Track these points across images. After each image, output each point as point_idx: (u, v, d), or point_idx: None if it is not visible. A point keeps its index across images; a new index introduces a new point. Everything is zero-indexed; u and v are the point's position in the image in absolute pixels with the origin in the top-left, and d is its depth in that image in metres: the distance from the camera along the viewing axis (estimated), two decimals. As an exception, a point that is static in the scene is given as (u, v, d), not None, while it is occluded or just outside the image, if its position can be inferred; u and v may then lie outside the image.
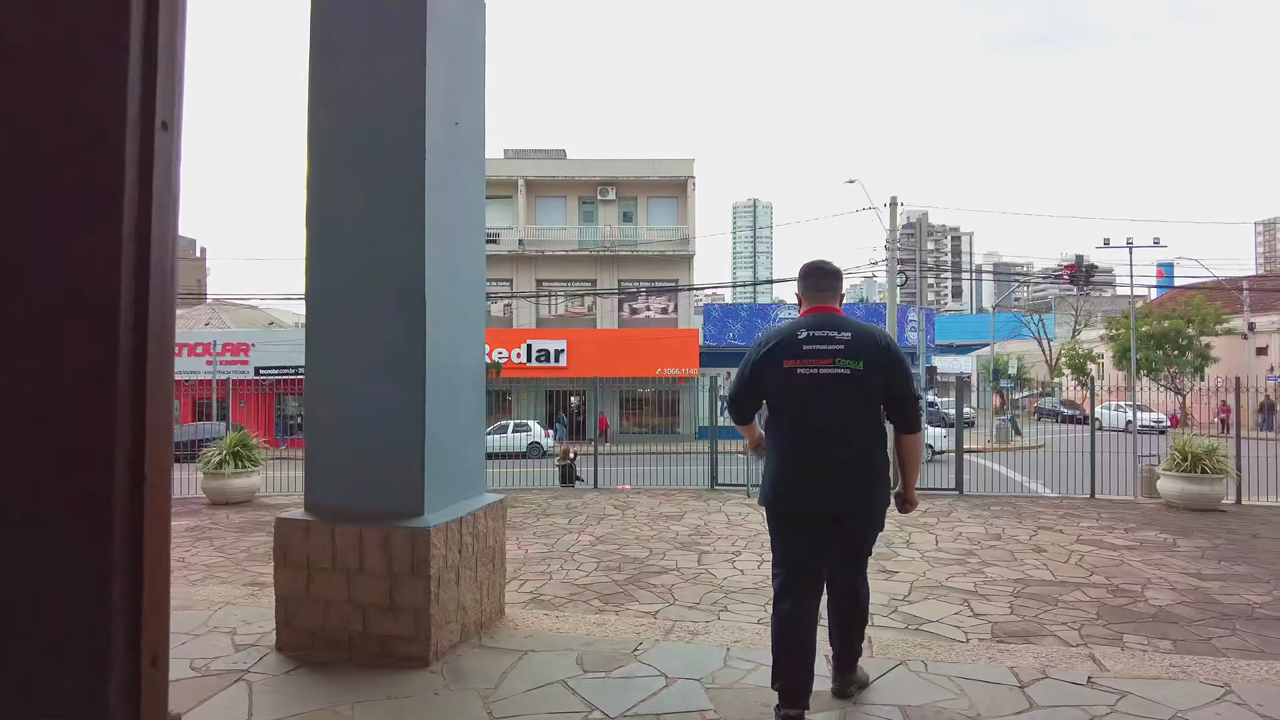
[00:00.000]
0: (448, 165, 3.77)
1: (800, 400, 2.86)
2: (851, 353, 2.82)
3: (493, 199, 32.13)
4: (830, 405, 2.83)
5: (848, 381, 2.81)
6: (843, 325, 2.89)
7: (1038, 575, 7.16)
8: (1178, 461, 10.86)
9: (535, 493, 12.69)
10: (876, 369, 2.84)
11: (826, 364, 2.81)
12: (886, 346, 2.90)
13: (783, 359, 2.83)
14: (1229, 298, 36.37)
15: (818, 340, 2.84)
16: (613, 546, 8.42)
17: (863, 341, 2.85)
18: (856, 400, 2.84)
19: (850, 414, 2.85)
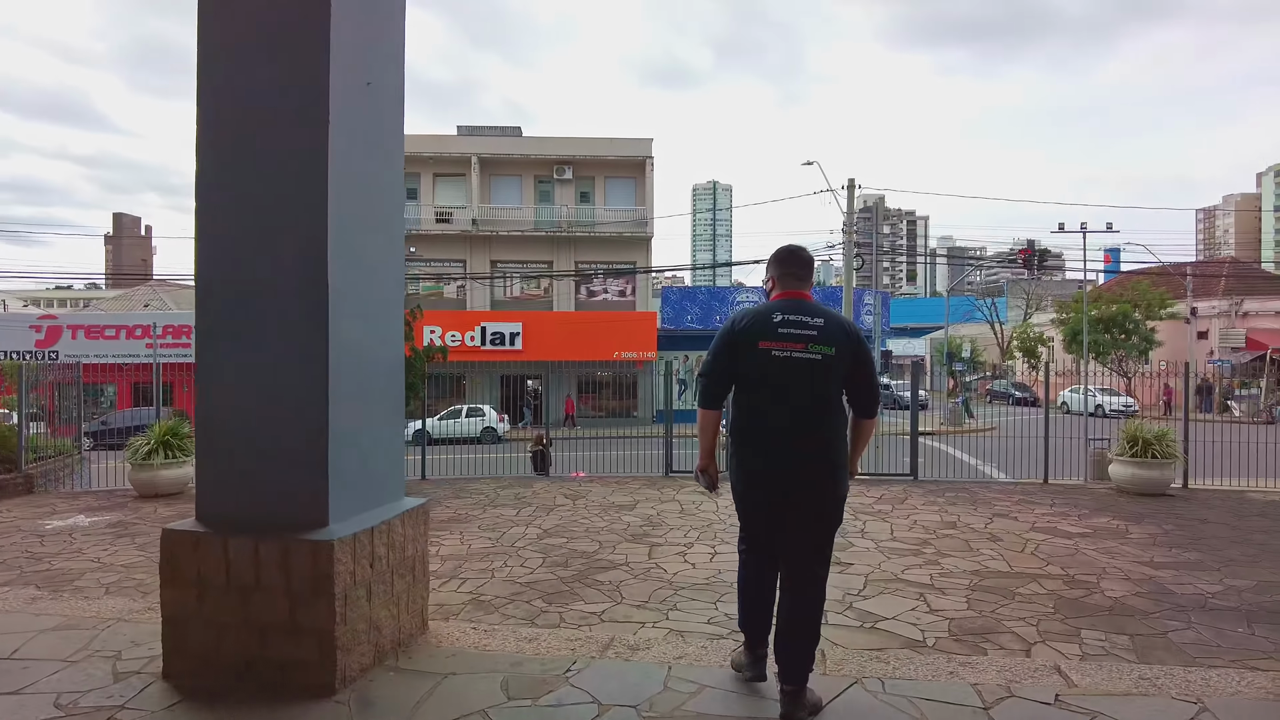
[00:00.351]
0: (357, 131, 3.36)
1: (773, 381, 2.92)
2: (824, 339, 2.91)
3: (445, 177, 31.32)
4: (801, 388, 2.91)
5: (819, 366, 2.89)
6: (816, 312, 2.98)
7: (994, 566, 7.02)
8: (1128, 447, 10.88)
9: (485, 482, 12.29)
10: (845, 356, 2.93)
11: (800, 348, 2.88)
12: (855, 335, 2.99)
13: (758, 340, 2.91)
14: (1173, 283, 37.20)
15: (792, 324, 2.91)
16: (561, 540, 8.08)
17: (834, 329, 2.94)
18: (825, 385, 2.93)
19: (819, 398, 2.94)
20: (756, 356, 2.92)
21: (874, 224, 37.76)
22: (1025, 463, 13.31)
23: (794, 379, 2.91)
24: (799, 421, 2.93)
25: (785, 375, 2.91)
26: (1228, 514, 9.46)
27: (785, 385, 2.91)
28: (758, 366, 2.94)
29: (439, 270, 30.24)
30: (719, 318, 30.73)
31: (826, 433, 2.96)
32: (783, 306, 2.99)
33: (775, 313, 2.96)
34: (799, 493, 2.96)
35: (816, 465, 2.95)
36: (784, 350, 2.89)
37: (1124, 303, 35.53)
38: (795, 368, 2.90)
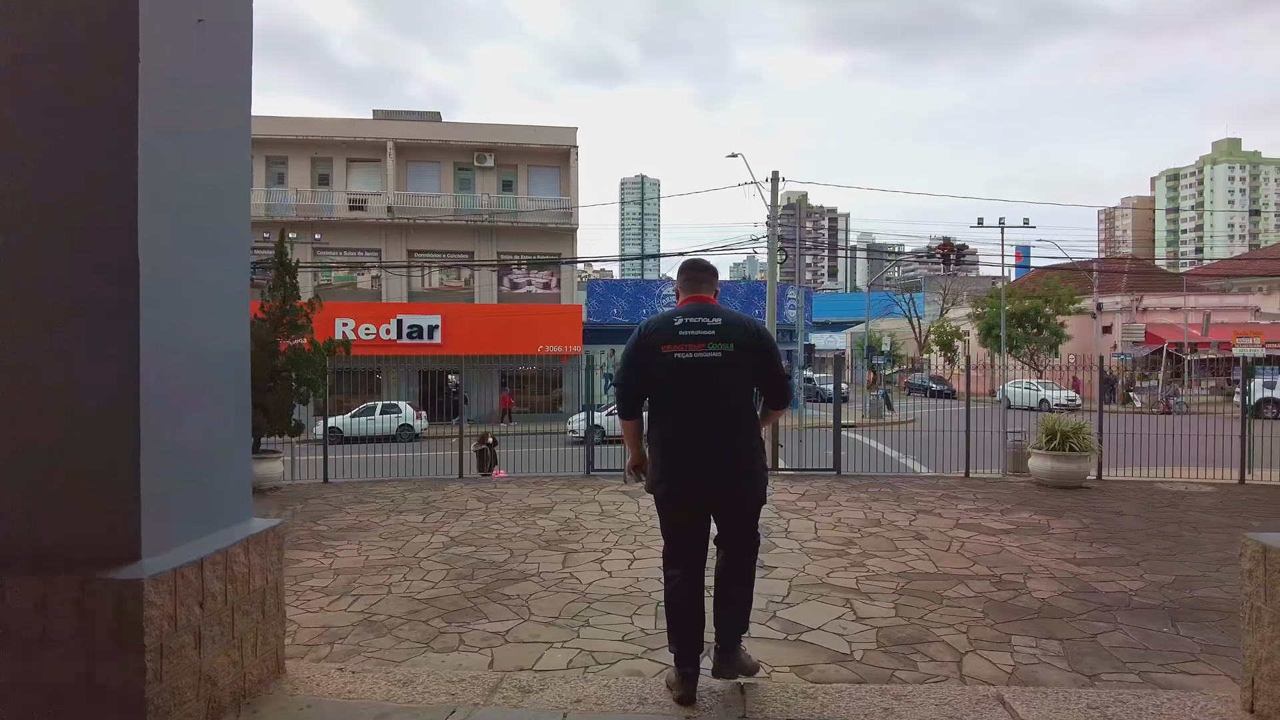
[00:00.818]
0: (184, 78, 2.75)
1: (679, 383, 3.00)
2: (722, 336, 2.99)
3: (359, 163, 30.01)
4: (706, 387, 2.99)
5: (720, 364, 2.98)
6: (715, 313, 3.07)
7: (920, 567, 6.79)
8: (1046, 440, 10.95)
9: (394, 485, 11.55)
10: (747, 350, 3.01)
11: (700, 348, 2.97)
12: (756, 331, 3.08)
13: (661, 345, 2.99)
14: (1081, 279, 38.74)
15: (692, 326, 3.01)
16: (469, 548, 7.50)
17: (733, 327, 3.02)
18: (729, 382, 3.01)
19: (724, 395, 3.01)
20: (661, 361, 3.01)
21: (797, 220, 38.02)
22: (945, 456, 13.35)
23: (699, 378, 2.98)
24: (709, 420, 3.01)
25: (690, 375, 2.98)
26: (1140, 505, 9.56)
27: (691, 385, 2.99)
28: (664, 370, 3.02)
29: (352, 260, 28.95)
30: (646, 311, 30.40)
31: (738, 429, 3.05)
32: (684, 310, 3.12)
33: (677, 316, 3.09)
34: (718, 492, 3.07)
35: (731, 463, 3.04)
36: (686, 352, 2.98)
37: (1036, 298, 36.77)
38: (698, 367, 2.98)
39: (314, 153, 29.27)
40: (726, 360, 3.00)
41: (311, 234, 28.46)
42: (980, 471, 12.42)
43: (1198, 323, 34.41)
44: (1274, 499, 10.05)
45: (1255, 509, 9.40)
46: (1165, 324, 36.51)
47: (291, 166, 29.08)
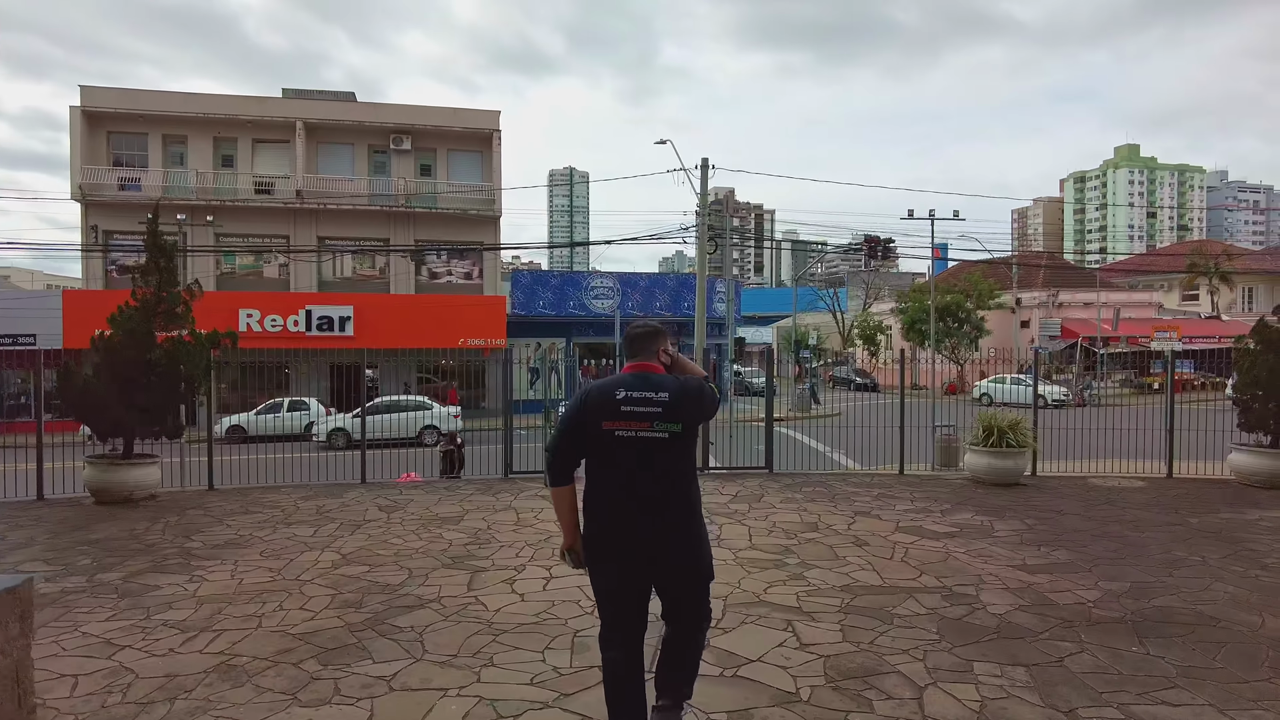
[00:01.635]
0: None
1: (620, 460, 2.80)
2: (670, 414, 2.79)
3: (266, 144, 28.19)
4: (649, 466, 2.80)
5: (666, 445, 2.78)
6: (661, 385, 2.84)
7: (865, 579, 6.21)
8: (983, 436, 10.62)
9: (288, 491, 10.44)
10: (693, 427, 2.85)
11: (645, 426, 2.77)
12: (698, 395, 2.88)
13: (601, 421, 2.78)
14: (999, 275, 39.66)
15: (636, 402, 2.79)
16: (361, 569, 6.58)
17: (681, 401, 2.81)
18: (674, 463, 2.83)
19: (668, 475, 2.82)
20: (602, 438, 2.82)
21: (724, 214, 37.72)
22: (875, 450, 12.99)
23: (641, 458, 2.80)
24: (651, 499, 2.83)
25: (632, 454, 2.80)
26: (1079, 504, 9.29)
27: (633, 464, 2.80)
28: (605, 446, 2.83)
29: (257, 246, 27.11)
30: (573, 304, 29.52)
31: (681, 507, 2.88)
32: (627, 382, 2.88)
33: (620, 388, 2.85)
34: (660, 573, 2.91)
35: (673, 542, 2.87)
36: (629, 430, 2.78)
37: (957, 293, 37.41)
38: (641, 445, 2.79)
39: (217, 132, 27.26)
40: (672, 441, 2.83)
41: (204, 217, 26.54)
42: (913, 467, 12.07)
43: (1108, 318, 35.58)
44: (1203, 493, 9.95)
45: (1187, 504, 9.24)
46: (1079, 319, 37.69)
47: (192, 146, 27.03)
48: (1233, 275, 41.17)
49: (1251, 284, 46.23)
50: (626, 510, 2.83)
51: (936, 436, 13.86)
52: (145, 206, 25.50)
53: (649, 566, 2.90)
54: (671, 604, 3.06)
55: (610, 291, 29.40)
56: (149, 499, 9.66)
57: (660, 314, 30.10)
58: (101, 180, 25.89)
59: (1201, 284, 41.53)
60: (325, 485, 10.86)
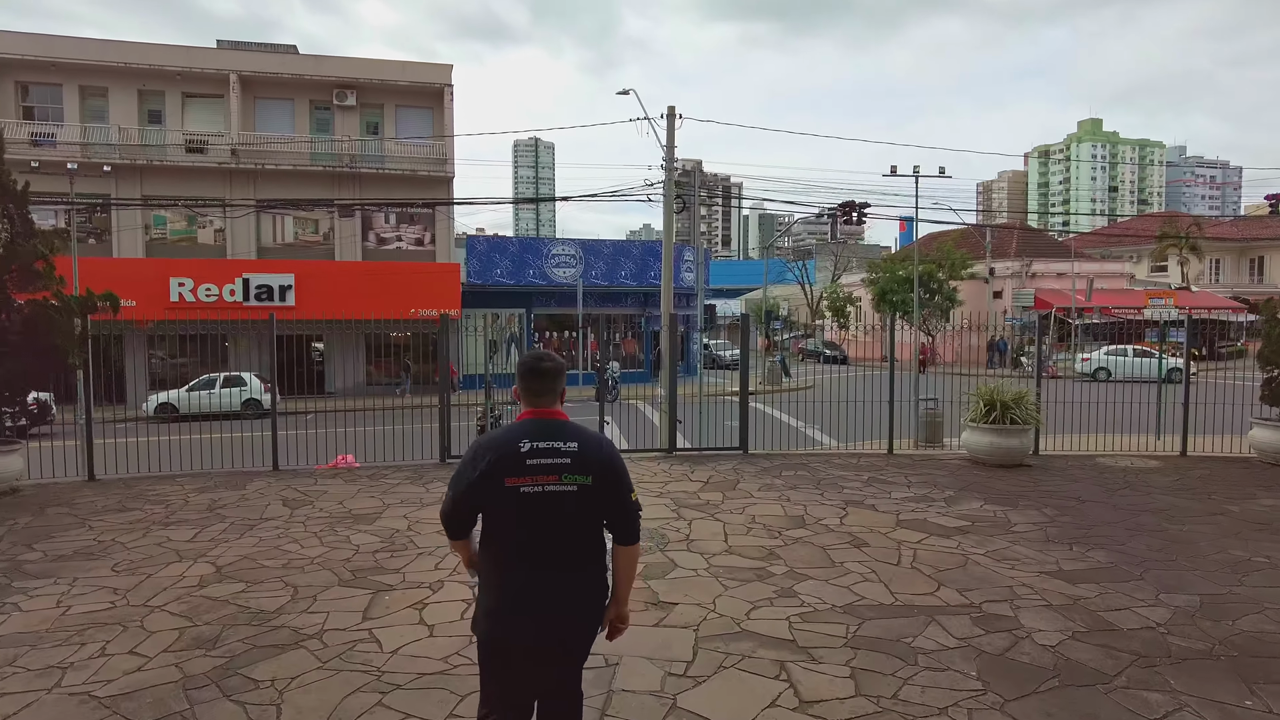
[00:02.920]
0: None
1: (522, 522, 2.46)
2: (579, 467, 2.47)
3: (198, 98, 26.01)
4: (555, 527, 2.49)
5: (574, 499, 2.47)
6: (568, 434, 2.53)
7: (871, 594, 4.95)
8: (984, 412, 9.45)
9: (186, 480, 8.93)
10: (603, 483, 2.51)
11: (553, 480, 2.45)
12: (610, 457, 2.55)
13: (504, 477, 2.43)
14: (972, 245, 38.76)
15: (542, 453, 2.46)
16: (234, 588, 5.16)
17: (588, 454, 2.50)
18: (582, 519, 2.52)
19: (576, 536, 2.53)
20: (503, 496, 2.44)
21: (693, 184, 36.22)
22: (852, 426, 11.80)
23: (546, 516, 2.46)
24: (552, 559, 2.49)
25: (536, 514, 2.44)
26: (1097, 488, 8.15)
27: (536, 525, 2.45)
28: (505, 504, 2.44)
29: (189, 210, 25.00)
30: (533, 272, 27.90)
31: (584, 568, 2.55)
32: (530, 431, 2.50)
33: (522, 440, 2.47)
34: (555, 639, 2.51)
35: (572, 609, 2.50)
36: (534, 485, 2.44)
37: (929, 263, 36.45)
38: (547, 503, 2.45)
39: (142, 84, 24.95)
40: (581, 494, 2.48)
41: (132, 177, 24.38)
42: (896, 444, 10.87)
43: (1082, 288, 34.90)
44: (1228, 474, 8.90)
45: (1218, 487, 8.16)
46: (1052, 289, 37.00)
47: (113, 100, 24.71)
48: (1201, 247, 40.79)
49: (1219, 255, 46.03)
50: (523, 566, 2.49)
51: (920, 411, 12.71)
52: (62, 165, 23.40)
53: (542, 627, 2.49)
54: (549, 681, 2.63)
55: (573, 259, 27.83)
56: (8, 493, 8.09)
57: (625, 283, 28.64)
58: (11, 135, 23.57)
59: (1172, 254, 41.16)
60: (229, 474, 9.34)
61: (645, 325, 29.47)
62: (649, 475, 8.88)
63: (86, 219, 25.15)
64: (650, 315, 28.48)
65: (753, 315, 48.03)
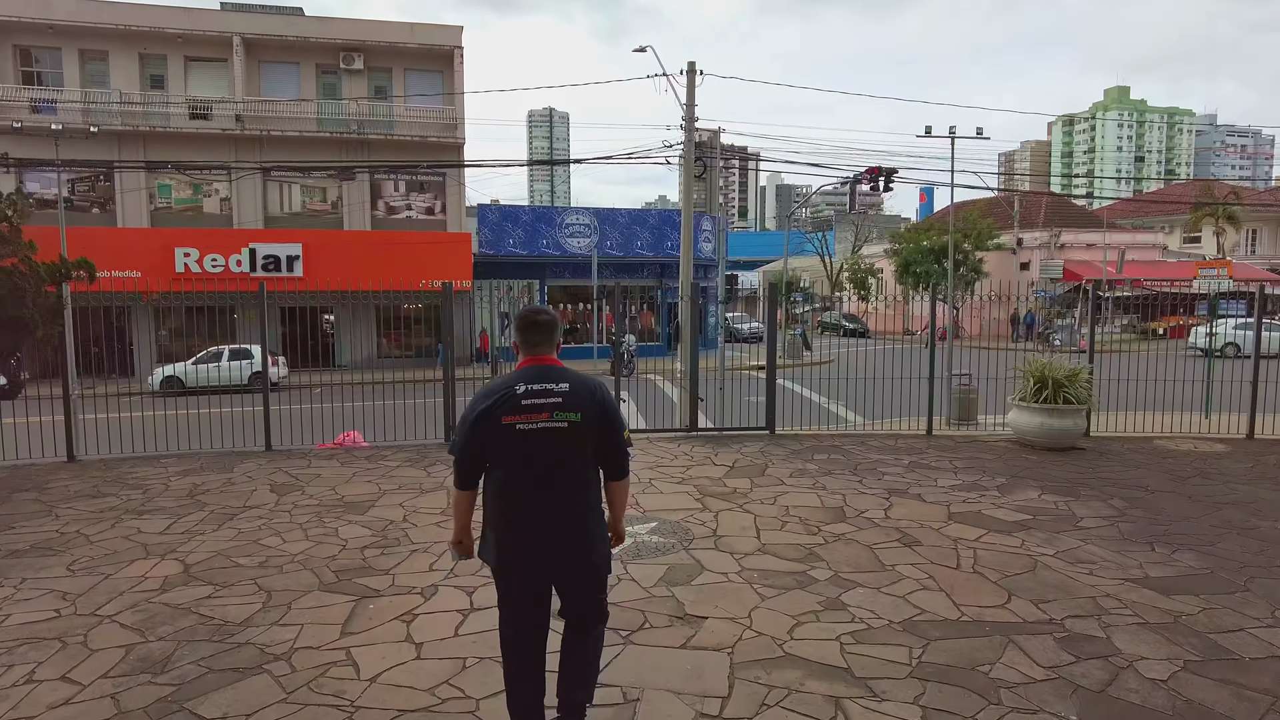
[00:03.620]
0: None
1: (520, 456, 2.71)
2: (570, 405, 2.73)
3: (201, 63, 25.25)
4: (549, 459, 2.73)
5: (566, 434, 2.72)
6: (560, 376, 2.78)
7: (932, 606, 4.25)
8: (1034, 390, 8.66)
9: (166, 463, 8.35)
10: (593, 419, 2.77)
11: (545, 417, 2.71)
12: (602, 398, 2.82)
13: (501, 416, 2.69)
14: (999, 213, 37.54)
15: (536, 394, 2.72)
16: (201, 592, 4.53)
17: (580, 393, 2.76)
18: (574, 453, 2.77)
19: (569, 468, 2.76)
20: (501, 433, 2.69)
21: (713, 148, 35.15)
22: (881, 402, 11.05)
23: (541, 450, 2.71)
24: (549, 493, 2.74)
25: (532, 448, 2.70)
26: (1164, 476, 7.38)
27: (533, 458, 2.72)
28: (504, 443, 2.71)
29: (195, 178, 24.36)
30: (546, 243, 27.12)
31: (579, 503, 2.79)
32: (526, 375, 2.78)
33: (519, 383, 2.75)
34: (556, 567, 2.80)
35: (570, 538, 2.78)
36: (529, 423, 2.69)
37: (954, 233, 35.30)
38: (541, 439, 2.71)
39: (143, 48, 24.23)
40: (572, 430, 2.72)
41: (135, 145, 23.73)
42: (918, 423, 10.12)
43: (1112, 260, 33.72)
44: (1303, 459, 8.09)
45: (1297, 475, 7.37)
46: (1081, 260, 35.78)
47: (114, 64, 24.00)
48: (1239, 216, 39.30)
49: (1257, 225, 44.44)
50: (527, 499, 2.73)
51: (953, 387, 11.93)
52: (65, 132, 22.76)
53: (548, 554, 2.76)
54: (569, 598, 2.90)
55: (587, 229, 27.02)
56: (-20, 475, 7.53)
57: (641, 254, 27.83)
58: (10, 100, 22.97)
59: (1208, 225, 39.71)
60: (219, 454, 8.75)
61: (662, 297, 28.69)
62: (668, 458, 8.20)
63: (90, 188, 24.59)
64: (667, 286, 27.68)
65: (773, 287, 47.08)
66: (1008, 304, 32.93)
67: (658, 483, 7.07)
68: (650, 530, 5.62)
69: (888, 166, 24.56)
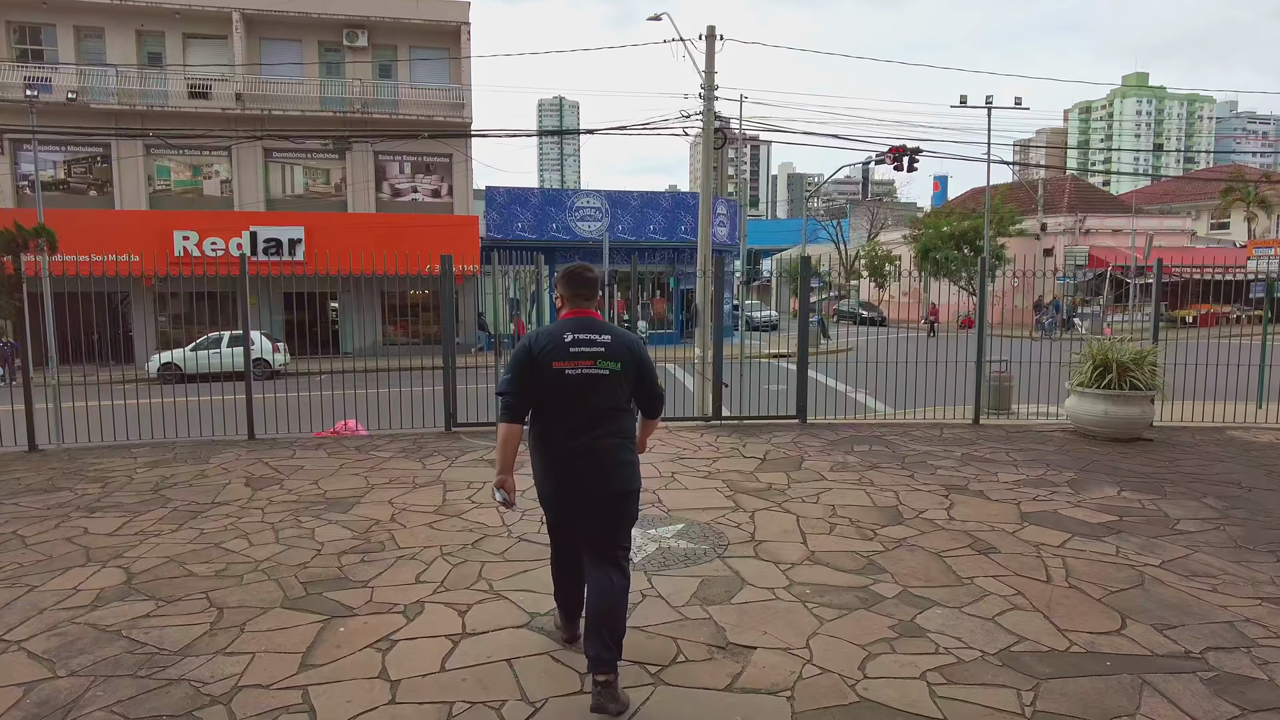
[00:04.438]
0: None
1: (566, 397, 3.03)
2: (610, 355, 3.07)
3: (199, 39, 24.48)
4: (592, 399, 3.05)
5: (607, 380, 3.06)
6: (602, 329, 3.13)
7: (1032, 633, 3.43)
8: (1094, 374, 7.80)
9: (137, 453, 7.61)
10: (629, 368, 3.11)
11: (589, 364, 3.04)
12: (638, 351, 3.18)
13: (551, 360, 3.02)
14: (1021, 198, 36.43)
15: (582, 343, 3.06)
16: (139, 609, 3.76)
17: (619, 345, 3.10)
18: (614, 396, 3.09)
19: (608, 407, 3.08)
20: (551, 376, 3.02)
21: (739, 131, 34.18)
22: (907, 391, 10.22)
23: (586, 392, 3.04)
24: (592, 429, 3.04)
25: (578, 390, 3.03)
26: (1255, 470, 6.53)
27: (578, 398, 3.04)
28: (553, 384, 3.03)
29: (194, 159, 23.64)
30: (555, 226, 26.31)
31: (616, 436, 3.09)
32: (573, 326, 3.12)
33: (566, 332, 3.09)
34: (595, 490, 3.06)
35: (608, 461, 3.05)
36: (576, 368, 3.03)
37: (976, 218, 34.28)
38: (586, 382, 3.04)
39: (140, 24, 23.49)
40: (613, 377, 3.08)
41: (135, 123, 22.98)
42: (954, 413, 9.28)
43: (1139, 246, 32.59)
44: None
45: (1404, 471, 6.49)
46: (1106, 246, 34.65)
47: (110, 41, 23.27)
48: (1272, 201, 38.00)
49: (1286, 211, 43.02)
50: (572, 435, 3.03)
51: (988, 374, 11.05)
52: (60, 111, 22.06)
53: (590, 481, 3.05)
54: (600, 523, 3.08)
55: (598, 212, 26.17)
56: (-71, 466, 6.80)
57: (653, 238, 26.96)
58: (3, 79, 22.28)
59: (1238, 210, 38.48)
60: (197, 443, 7.99)
61: (676, 284, 27.85)
62: (691, 449, 7.40)
63: (87, 170, 23.91)
64: (681, 273, 26.84)
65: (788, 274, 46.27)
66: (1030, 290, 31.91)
67: (681, 477, 6.27)
68: (677, 534, 4.82)
69: (911, 145, 23.61)
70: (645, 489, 5.87)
